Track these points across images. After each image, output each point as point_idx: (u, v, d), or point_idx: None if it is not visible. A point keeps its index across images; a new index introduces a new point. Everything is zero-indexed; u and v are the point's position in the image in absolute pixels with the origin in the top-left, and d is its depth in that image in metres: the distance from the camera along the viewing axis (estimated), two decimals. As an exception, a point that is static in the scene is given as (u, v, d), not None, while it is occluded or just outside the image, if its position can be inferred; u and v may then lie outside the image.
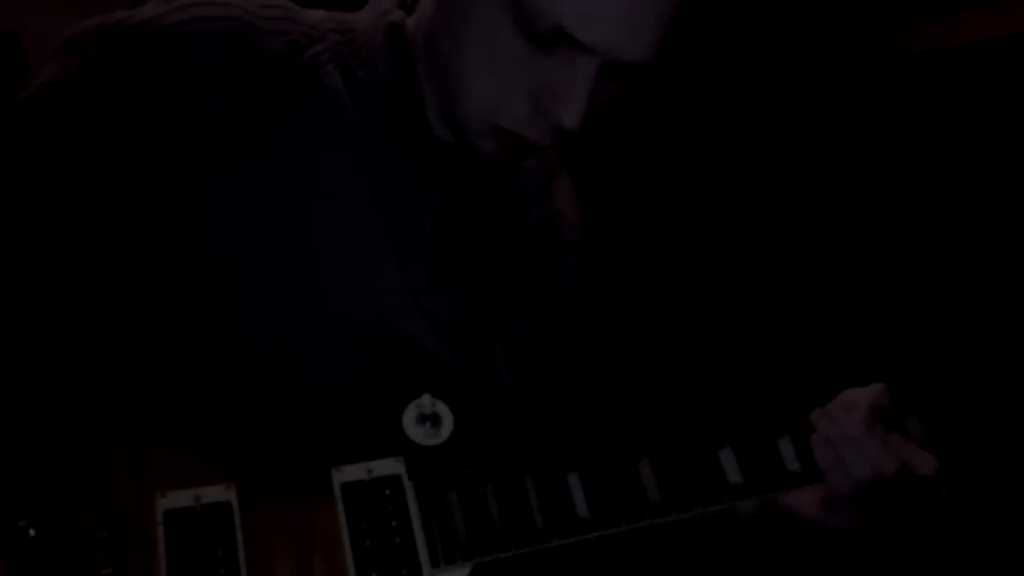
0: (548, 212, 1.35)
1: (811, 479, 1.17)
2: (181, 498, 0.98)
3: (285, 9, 1.15)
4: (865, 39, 3.31)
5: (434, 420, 1.08)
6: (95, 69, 1.04)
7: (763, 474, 1.16)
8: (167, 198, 1.04)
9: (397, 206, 1.13)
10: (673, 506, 1.11)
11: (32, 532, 0.95)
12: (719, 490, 1.14)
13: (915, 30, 3.21)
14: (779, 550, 1.31)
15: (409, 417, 1.07)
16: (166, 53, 1.04)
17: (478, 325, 1.19)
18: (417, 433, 1.07)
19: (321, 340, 1.07)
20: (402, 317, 1.11)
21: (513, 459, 1.08)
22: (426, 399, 1.07)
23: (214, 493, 0.99)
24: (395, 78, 1.14)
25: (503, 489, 1.06)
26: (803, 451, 1.18)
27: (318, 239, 1.08)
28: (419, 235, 1.14)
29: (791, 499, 1.19)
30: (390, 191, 1.13)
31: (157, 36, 1.04)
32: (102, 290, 1.09)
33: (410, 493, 1.04)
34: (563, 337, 1.33)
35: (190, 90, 1.04)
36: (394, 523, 1.03)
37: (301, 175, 1.08)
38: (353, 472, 1.04)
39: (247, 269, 1.05)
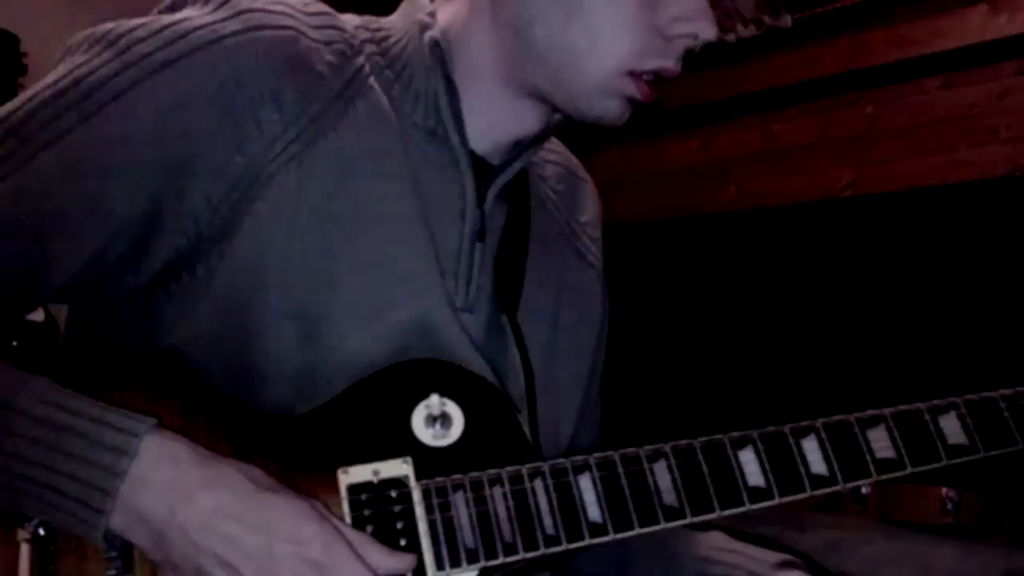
0: (570, 226, 1.34)
1: (837, 482, 1.14)
2: (361, 473, 1.03)
3: (328, 16, 1.13)
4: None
5: (444, 420, 1.07)
6: (153, 70, 1.01)
7: (786, 477, 1.12)
8: (205, 208, 1.03)
9: (437, 220, 1.12)
10: (689, 509, 1.09)
11: (41, 532, 0.95)
12: (738, 493, 1.11)
13: (915, 29, 3.21)
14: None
15: (418, 418, 1.07)
16: (224, 63, 1.02)
17: (500, 341, 1.18)
18: (426, 434, 1.07)
19: (355, 347, 1.06)
20: (446, 331, 1.11)
21: (523, 461, 1.07)
22: (434, 399, 1.06)
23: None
24: (435, 93, 1.13)
25: (512, 491, 1.05)
26: (830, 452, 1.14)
27: (361, 250, 1.07)
28: (458, 251, 1.14)
29: None
30: (431, 205, 1.12)
31: (214, 45, 1.02)
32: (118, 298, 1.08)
33: (416, 495, 1.04)
34: (583, 356, 1.32)
35: (246, 103, 1.02)
36: (399, 525, 1.03)
37: (345, 186, 1.07)
38: (360, 474, 1.03)
39: (279, 281, 1.04)
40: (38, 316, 2.64)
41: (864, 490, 2.47)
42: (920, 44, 3.20)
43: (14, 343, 1.05)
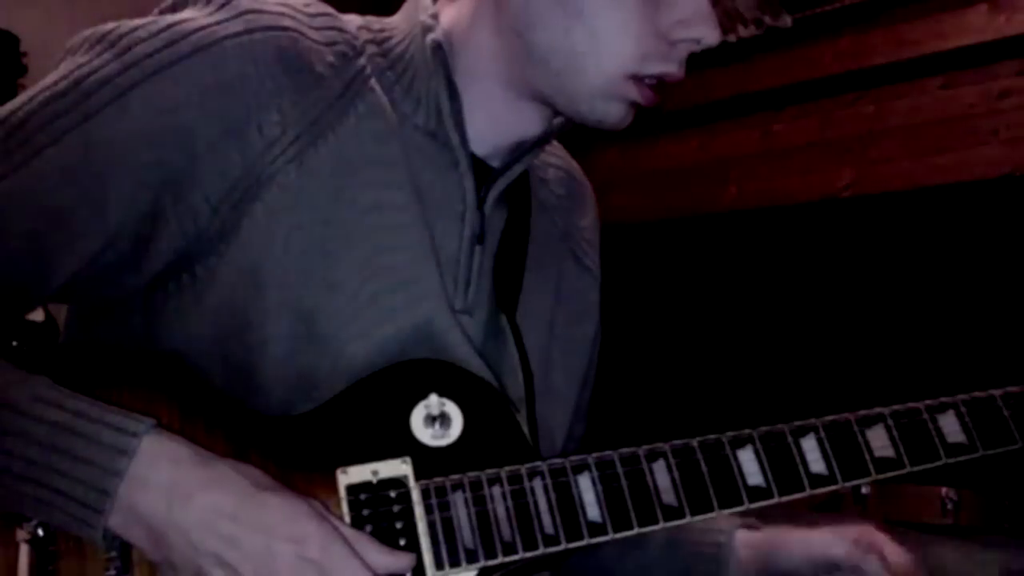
0: (569, 230, 1.34)
1: (837, 481, 1.14)
2: (360, 473, 1.03)
3: (330, 16, 1.13)
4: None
5: (443, 420, 1.07)
6: (153, 71, 1.01)
7: (786, 476, 1.12)
8: (205, 209, 1.03)
9: (437, 222, 1.13)
10: (689, 509, 1.09)
11: (41, 532, 0.95)
12: (738, 492, 1.11)
13: (915, 29, 3.21)
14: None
15: (417, 418, 1.07)
16: (224, 65, 1.02)
17: (498, 342, 1.18)
18: (425, 434, 1.07)
19: (354, 348, 1.06)
20: (445, 333, 1.11)
21: (522, 461, 1.07)
22: (433, 399, 1.07)
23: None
24: (436, 96, 1.13)
25: (511, 491, 1.05)
26: (829, 451, 1.14)
27: (360, 252, 1.07)
28: (457, 254, 1.14)
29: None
30: (431, 208, 1.12)
31: (214, 46, 1.02)
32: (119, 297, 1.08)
33: (416, 495, 1.04)
34: (578, 361, 1.32)
35: (246, 104, 1.02)
36: (399, 525, 1.03)
37: (344, 187, 1.07)
38: (359, 474, 1.03)
39: (278, 282, 1.04)
40: (38, 316, 2.64)
41: (864, 490, 2.47)
42: (920, 44, 3.21)
43: (14, 343, 1.05)
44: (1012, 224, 2.88)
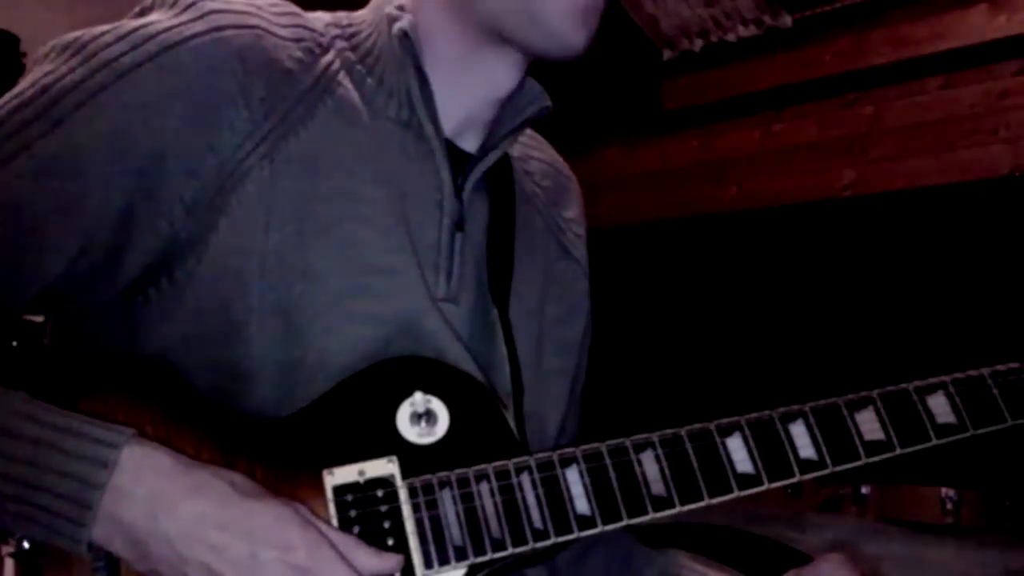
0: (555, 222, 1.34)
1: (827, 466, 1.12)
2: (347, 474, 1.03)
3: (296, 15, 1.14)
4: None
5: (429, 417, 1.07)
6: (120, 73, 1.01)
7: (775, 462, 1.11)
8: (179, 209, 1.03)
9: (414, 212, 1.13)
10: (678, 498, 1.08)
11: (26, 546, 0.96)
12: (727, 480, 1.10)
13: (915, 29, 3.21)
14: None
15: (403, 416, 1.07)
16: (191, 64, 1.02)
17: (486, 334, 1.18)
18: (411, 432, 1.06)
19: (337, 341, 1.06)
20: (426, 322, 1.11)
21: (510, 456, 1.07)
22: (418, 397, 1.06)
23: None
24: (407, 85, 1.13)
25: (499, 487, 1.05)
26: (818, 436, 1.13)
27: (337, 246, 1.07)
28: (436, 242, 1.14)
29: None
30: (407, 197, 1.13)
31: (180, 46, 1.03)
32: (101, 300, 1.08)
33: (403, 494, 1.03)
34: (569, 350, 1.31)
35: (215, 102, 1.03)
36: (387, 525, 1.02)
37: (318, 182, 1.07)
38: (345, 474, 1.03)
39: (257, 279, 1.04)
40: (38, 316, 2.64)
41: (864, 490, 2.47)
42: (920, 44, 3.20)
43: (14, 343, 1.05)
44: (1012, 224, 2.87)
